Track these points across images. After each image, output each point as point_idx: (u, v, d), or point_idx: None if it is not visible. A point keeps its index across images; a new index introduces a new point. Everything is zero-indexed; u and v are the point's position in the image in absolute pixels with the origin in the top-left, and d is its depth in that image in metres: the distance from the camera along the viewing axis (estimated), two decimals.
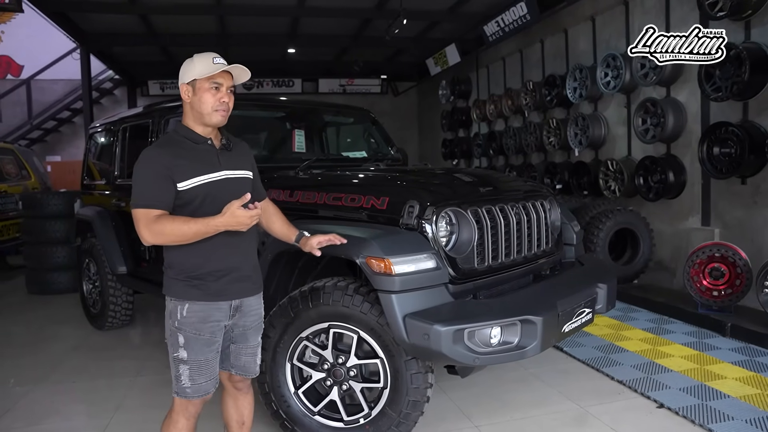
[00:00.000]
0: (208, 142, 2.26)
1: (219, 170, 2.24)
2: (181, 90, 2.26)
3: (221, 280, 2.23)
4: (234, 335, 2.38)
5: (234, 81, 2.29)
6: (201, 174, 2.19)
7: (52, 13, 8.76)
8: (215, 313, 2.24)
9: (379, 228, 2.78)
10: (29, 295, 7.07)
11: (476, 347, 2.52)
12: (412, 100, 15.58)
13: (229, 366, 2.42)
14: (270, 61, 12.76)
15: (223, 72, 2.22)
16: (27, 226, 7.14)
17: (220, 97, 2.21)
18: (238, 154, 2.37)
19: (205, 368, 2.24)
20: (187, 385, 2.23)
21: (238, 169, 2.33)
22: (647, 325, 5.06)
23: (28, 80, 13.79)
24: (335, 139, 5.10)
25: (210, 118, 2.22)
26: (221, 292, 2.24)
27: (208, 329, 2.23)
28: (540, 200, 3.40)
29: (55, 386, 4.02)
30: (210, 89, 2.20)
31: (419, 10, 9.06)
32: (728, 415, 3.22)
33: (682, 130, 6.15)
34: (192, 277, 2.21)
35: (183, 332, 2.21)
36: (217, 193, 2.20)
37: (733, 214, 5.63)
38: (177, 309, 2.23)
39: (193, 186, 2.17)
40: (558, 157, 8.51)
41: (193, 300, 2.21)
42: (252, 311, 2.39)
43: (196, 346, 2.21)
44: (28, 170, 9.35)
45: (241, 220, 2.07)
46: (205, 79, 2.20)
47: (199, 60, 2.23)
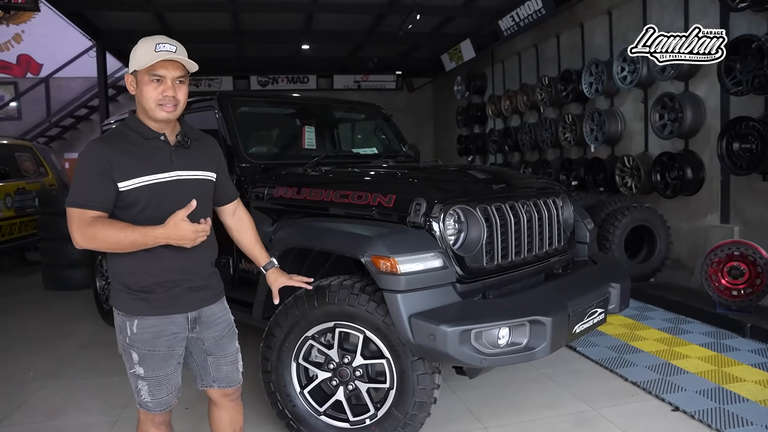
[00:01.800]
0: (161, 138, 2.00)
1: (169, 170, 1.99)
2: (126, 81, 2.02)
3: (171, 291, 2.02)
4: (207, 347, 2.17)
5: (189, 69, 2.01)
6: (146, 174, 1.94)
7: (68, 11, 8.87)
8: (170, 327, 2.03)
9: (386, 226, 2.73)
10: (46, 291, 7.14)
11: (483, 348, 2.46)
12: (427, 96, 15.50)
13: (210, 381, 2.22)
14: (285, 57, 12.79)
15: (166, 62, 1.93)
16: (43, 223, 7.22)
17: (162, 91, 1.94)
18: (199, 152, 2.11)
19: (165, 383, 2.06)
20: (147, 399, 2.07)
21: (196, 170, 2.06)
22: (663, 324, 4.96)
23: (46, 78, 13.98)
24: (346, 136, 5.06)
25: (154, 113, 1.96)
26: (173, 305, 2.02)
27: (164, 344, 2.02)
28: (552, 197, 3.33)
29: (67, 382, 4.04)
30: (151, 82, 1.93)
31: (433, 5, 9.00)
32: (747, 420, 3.12)
33: (700, 125, 6.02)
34: (137, 290, 1.99)
35: (136, 349, 2.02)
36: (164, 197, 1.97)
37: (754, 212, 5.49)
38: (126, 324, 2.02)
39: (136, 187, 1.93)
40: (574, 153, 8.40)
41: (143, 315, 1.99)
42: (216, 320, 2.17)
43: (152, 362, 2.02)
44: (46, 167, 9.44)
45: (183, 233, 1.85)
46: (146, 71, 1.93)
47: (140, 47, 1.95)
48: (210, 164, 2.14)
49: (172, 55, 1.93)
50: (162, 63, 1.93)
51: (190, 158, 2.06)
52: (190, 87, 2.09)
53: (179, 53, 1.96)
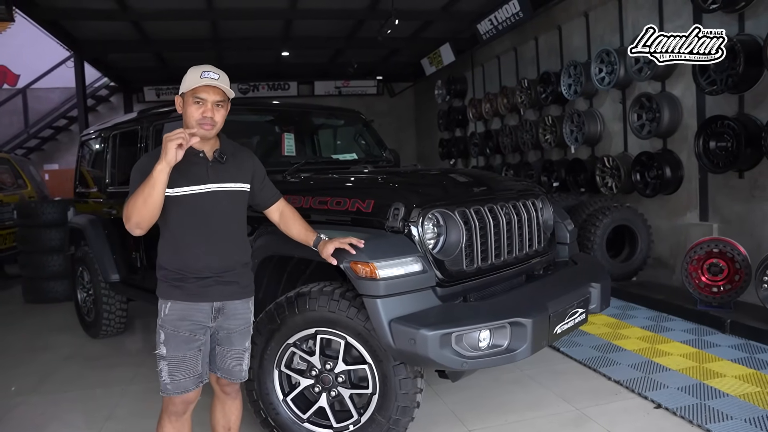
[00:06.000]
0: (200, 155, 2.30)
1: (205, 183, 2.29)
2: (176, 102, 2.35)
3: (201, 281, 2.29)
4: (219, 338, 2.41)
5: (228, 95, 2.31)
6: (185, 185, 2.25)
7: (44, 21, 8.77)
8: (195, 314, 2.30)
9: (365, 231, 2.73)
10: (26, 304, 7.04)
11: (464, 351, 2.47)
12: (408, 101, 15.54)
13: (215, 368, 2.46)
14: (265, 64, 12.76)
15: (208, 87, 2.23)
16: (22, 235, 7.12)
17: (203, 112, 2.24)
18: (235, 166, 2.39)
19: (183, 365, 2.28)
20: (167, 381, 2.29)
21: (230, 182, 2.35)
22: (646, 323, 5.01)
23: (24, 89, 13.78)
24: (326, 142, 5.05)
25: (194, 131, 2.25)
26: (201, 294, 2.30)
27: (186, 327, 2.29)
28: (532, 199, 3.35)
29: (49, 396, 3.98)
30: (194, 103, 2.24)
31: (412, 10, 9.03)
32: (727, 415, 3.16)
33: (677, 124, 6.10)
34: (174, 278, 2.29)
35: (163, 329, 2.30)
36: (200, 205, 2.27)
37: (731, 209, 5.57)
38: (161, 307, 2.32)
39: (175, 195, 2.24)
40: (555, 155, 8.46)
41: (175, 299, 2.30)
42: (237, 315, 2.41)
43: (174, 342, 2.28)
44: (24, 179, 9.33)
45: (165, 141, 2.10)
46: (190, 93, 2.25)
47: (190, 73, 2.27)
48: (244, 177, 2.41)
49: (213, 82, 2.22)
50: (204, 88, 2.23)
51: (225, 172, 2.34)
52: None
53: (221, 81, 2.25)
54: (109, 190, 4.94)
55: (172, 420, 2.38)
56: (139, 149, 4.29)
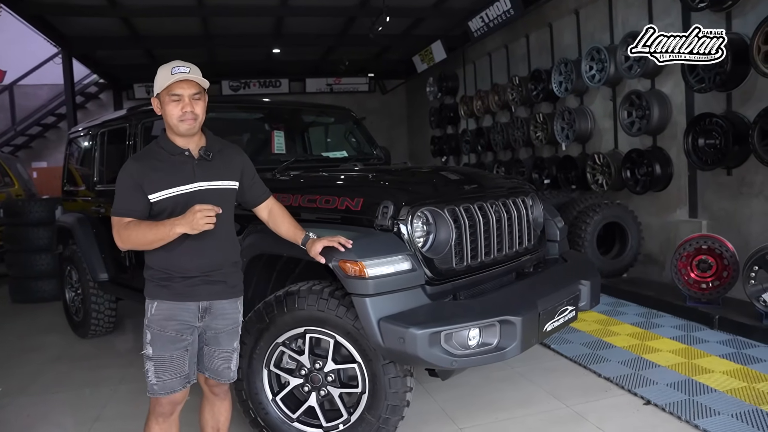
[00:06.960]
0: (185, 153, 2.27)
1: (191, 182, 2.25)
2: (153, 104, 2.32)
3: (188, 281, 2.28)
4: (206, 338, 2.39)
5: (203, 86, 2.27)
6: (171, 186, 2.22)
7: (30, 17, 8.65)
8: (182, 313, 2.28)
9: (353, 230, 2.71)
10: (13, 303, 6.97)
11: (454, 350, 2.46)
12: (400, 98, 15.52)
13: (203, 368, 2.44)
14: (256, 61, 12.69)
15: (182, 81, 2.20)
16: (9, 234, 7.05)
17: (181, 107, 2.21)
18: (222, 163, 2.36)
19: (170, 365, 2.27)
20: (153, 381, 2.27)
21: (217, 180, 2.32)
22: (636, 319, 5.03)
23: (11, 86, 13.63)
24: (317, 140, 5.03)
25: (177, 128, 2.24)
26: (188, 294, 2.28)
27: (173, 327, 2.27)
28: (521, 197, 3.35)
29: (37, 397, 3.95)
30: (172, 102, 2.22)
31: (403, 7, 9.01)
32: (715, 410, 3.18)
33: (667, 122, 6.12)
34: (161, 278, 2.28)
35: (150, 329, 2.28)
36: (188, 205, 2.19)
37: (720, 206, 5.60)
38: (148, 307, 2.31)
39: (162, 198, 2.22)
40: (546, 152, 8.47)
41: (161, 299, 2.28)
42: (224, 314, 2.39)
43: (160, 342, 2.26)
44: (11, 177, 9.25)
45: (188, 218, 2.09)
46: (165, 92, 2.21)
47: (160, 72, 2.24)
48: (232, 174, 2.38)
49: (186, 75, 2.19)
50: (178, 83, 2.20)
51: (212, 170, 2.31)
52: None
53: (193, 73, 2.21)
54: (97, 188, 4.90)
55: (159, 421, 2.35)
56: (127, 147, 4.25)
